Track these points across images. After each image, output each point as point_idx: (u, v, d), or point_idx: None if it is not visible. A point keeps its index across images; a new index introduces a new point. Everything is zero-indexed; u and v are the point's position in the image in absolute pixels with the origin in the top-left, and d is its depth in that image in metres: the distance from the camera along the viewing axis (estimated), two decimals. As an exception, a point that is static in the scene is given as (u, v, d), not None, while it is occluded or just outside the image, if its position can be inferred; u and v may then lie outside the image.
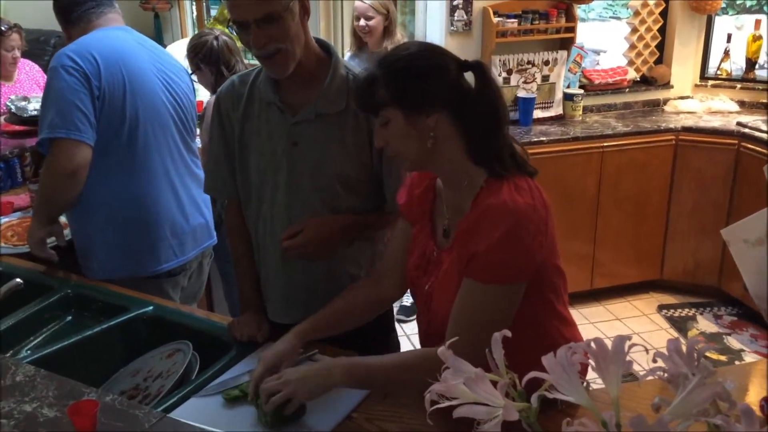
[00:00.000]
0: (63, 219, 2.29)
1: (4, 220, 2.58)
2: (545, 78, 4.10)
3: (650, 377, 0.80)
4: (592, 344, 0.78)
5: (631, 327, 3.87)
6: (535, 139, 3.79)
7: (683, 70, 4.45)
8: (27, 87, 3.72)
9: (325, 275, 1.79)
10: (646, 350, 0.78)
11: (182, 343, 1.73)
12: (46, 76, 3.80)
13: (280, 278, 1.80)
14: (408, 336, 3.40)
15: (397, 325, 2.02)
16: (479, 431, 0.73)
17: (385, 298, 1.69)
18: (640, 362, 1.55)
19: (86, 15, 2.19)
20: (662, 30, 4.41)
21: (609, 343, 0.81)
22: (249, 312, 1.84)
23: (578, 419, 0.79)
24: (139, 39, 2.27)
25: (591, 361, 0.81)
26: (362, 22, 3.71)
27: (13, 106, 3.07)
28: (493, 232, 1.31)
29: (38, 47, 5.25)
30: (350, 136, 1.70)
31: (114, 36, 2.19)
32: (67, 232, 2.30)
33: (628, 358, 0.79)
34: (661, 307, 4.09)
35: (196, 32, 3.87)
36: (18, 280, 1.73)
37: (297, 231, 1.70)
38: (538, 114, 4.11)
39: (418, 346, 1.60)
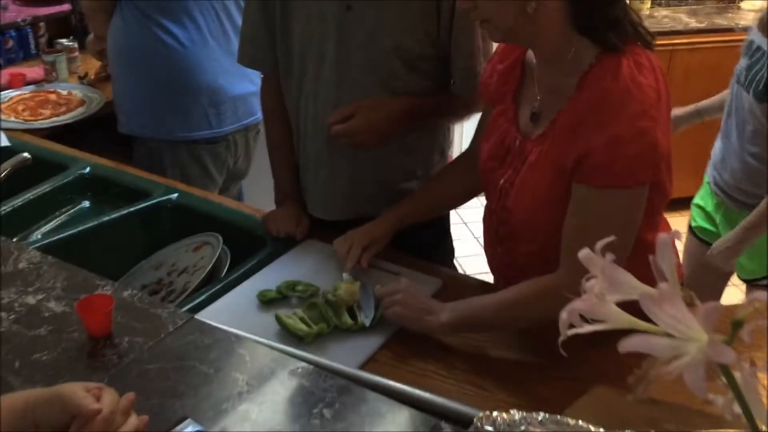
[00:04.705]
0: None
1: (15, 93, 2.51)
2: (611, -34, 3.74)
3: None
4: None
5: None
6: (598, 35, 3.51)
7: (764, -38, 4.05)
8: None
9: (374, 167, 1.61)
10: None
11: (211, 236, 1.63)
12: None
13: (322, 168, 1.64)
14: (462, 240, 3.23)
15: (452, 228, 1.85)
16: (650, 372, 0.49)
17: (478, 187, 1.50)
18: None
19: None
20: None
21: None
22: (286, 204, 1.70)
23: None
24: None
25: None
26: None
27: (27, -30, 2.94)
28: (614, 124, 1.12)
29: None
30: (415, 0, 1.47)
31: None
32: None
33: None
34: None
35: None
36: (25, 154, 1.62)
37: (348, 115, 1.52)
38: (601, 6, 3.79)
39: (476, 251, 1.39)
